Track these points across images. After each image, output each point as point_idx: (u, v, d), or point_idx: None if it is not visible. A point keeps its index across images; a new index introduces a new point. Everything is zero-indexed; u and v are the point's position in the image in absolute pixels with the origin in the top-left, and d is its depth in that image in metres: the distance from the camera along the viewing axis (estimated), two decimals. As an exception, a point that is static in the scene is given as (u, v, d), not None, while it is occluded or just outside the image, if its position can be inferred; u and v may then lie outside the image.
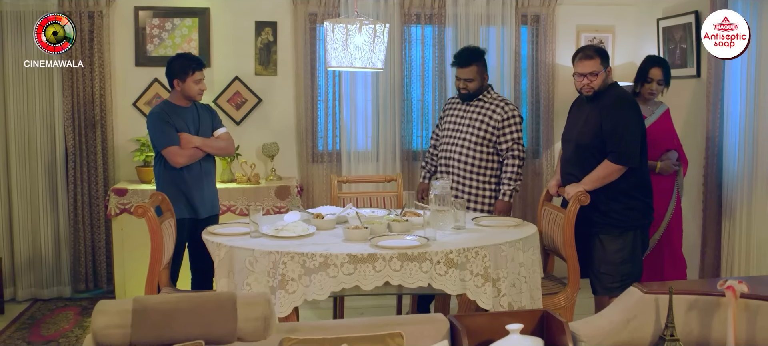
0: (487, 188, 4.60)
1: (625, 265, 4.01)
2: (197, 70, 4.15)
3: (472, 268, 3.38)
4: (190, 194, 4.17)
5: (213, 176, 4.37)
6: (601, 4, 5.78)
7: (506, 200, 4.54)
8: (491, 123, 4.52)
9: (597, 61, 3.99)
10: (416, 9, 5.55)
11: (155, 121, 4.12)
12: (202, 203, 4.21)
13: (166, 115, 4.13)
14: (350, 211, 3.93)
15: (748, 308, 2.72)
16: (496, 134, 4.53)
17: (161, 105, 4.24)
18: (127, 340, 2.40)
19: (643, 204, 4.09)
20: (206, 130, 4.25)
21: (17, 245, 5.36)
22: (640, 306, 2.79)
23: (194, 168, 4.18)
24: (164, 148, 4.09)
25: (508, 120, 4.52)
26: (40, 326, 4.85)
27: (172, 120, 4.12)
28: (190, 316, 2.43)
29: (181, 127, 4.14)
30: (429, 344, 2.56)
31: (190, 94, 4.18)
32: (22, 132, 5.29)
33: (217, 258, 3.48)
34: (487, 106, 4.56)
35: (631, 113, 4.00)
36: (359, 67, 4.00)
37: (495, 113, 4.52)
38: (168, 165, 4.13)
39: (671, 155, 4.56)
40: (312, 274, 3.27)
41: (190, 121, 4.18)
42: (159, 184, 4.20)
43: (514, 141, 4.53)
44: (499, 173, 4.61)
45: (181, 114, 4.17)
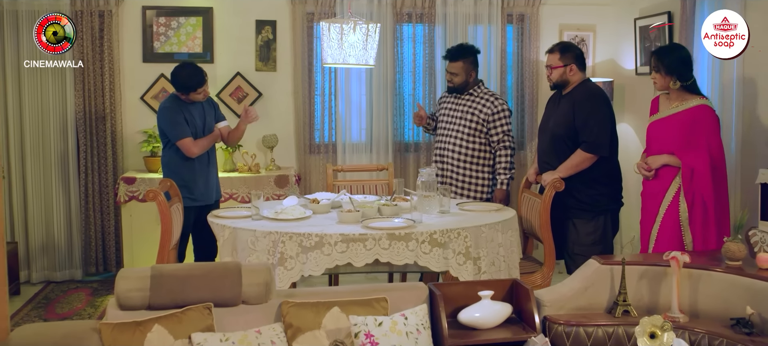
0: (480, 176, 4.94)
1: (596, 246, 4.35)
2: (200, 86, 4.46)
3: (454, 247, 3.69)
4: (198, 180, 4.50)
5: (216, 164, 4.72)
6: (582, 4, 6.10)
7: (504, 188, 4.87)
8: (481, 116, 4.86)
9: (556, 56, 4.43)
10: (408, 8, 5.87)
11: (168, 115, 4.45)
12: (208, 189, 4.55)
13: (177, 108, 4.46)
14: (344, 196, 4.26)
15: (691, 276, 3.07)
16: (486, 127, 4.86)
17: (171, 99, 4.57)
18: (146, 302, 2.74)
19: (613, 190, 4.45)
20: (211, 122, 4.61)
21: (31, 231, 5.67)
22: (596, 276, 3.14)
23: (202, 157, 4.52)
24: (179, 139, 4.43)
25: (497, 114, 4.85)
26: (55, 305, 5.17)
27: (185, 114, 4.46)
28: (201, 281, 2.77)
29: (190, 120, 4.47)
30: (410, 307, 2.90)
31: (195, 101, 4.53)
32: (37, 124, 5.60)
33: (222, 239, 3.80)
34: (477, 100, 4.90)
35: (601, 107, 4.37)
36: (353, 63, 4.31)
37: (484, 107, 4.86)
38: (179, 154, 4.46)
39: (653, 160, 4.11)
40: (308, 252, 3.58)
41: (197, 115, 4.52)
42: (168, 172, 4.53)
43: (504, 133, 4.86)
44: (492, 163, 4.94)
45: (191, 109, 4.51)
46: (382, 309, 2.89)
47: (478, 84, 4.97)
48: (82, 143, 5.66)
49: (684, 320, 3.03)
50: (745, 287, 2.99)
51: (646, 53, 5.59)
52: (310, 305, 2.84)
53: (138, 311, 2.75)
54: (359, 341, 2.76)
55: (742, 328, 2.90)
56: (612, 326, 3.00)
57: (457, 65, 4.89)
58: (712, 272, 3.10)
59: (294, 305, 2.83)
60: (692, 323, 3.00)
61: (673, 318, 3.01)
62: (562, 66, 4.42)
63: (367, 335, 2.76)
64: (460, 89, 4.93)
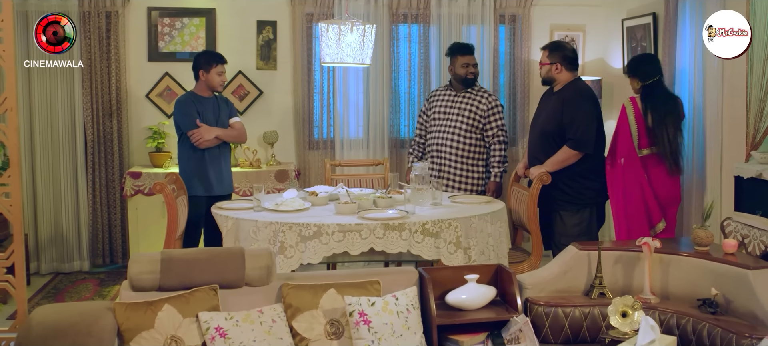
0: (475, 171, 5.15)
1: (582, 237, 4.56)
2: (220, 63, 4.75)
3: (445, 236, 3.88)
4: (209, 172, 4.70)
5: (228, 158, 4.92)
6: (572, 5, 6.31)
7: (497, 180, 5.10)
8: (478, 112, 5.07)
9: (545, 54, 4.70)
10: (403, 9, 6.08)
11: (183, 107, 4.69)
12: (220, 181, 4.76)
13: (192, 102, 4.69)
14: (341, 189, 4.45)
15: (662, 261, 3.30)
16: (482, 122, 5.07)
17: (188, 94, 4.81)
18: (157, 284, 2.96)
19: (599, 184, 4.66)
20: (224, 118, 4.83)
21: (41, 223, 5.89)
22: (575, 260, 3.36)
23: (213, 150, 4.73)
24: (190, 130, 4.64)
25: (492, 109, 5.08)
26: (64, 295, 5.39)
27: (197, 107, 4.68)
28: (207, 265, 2.99)
29: (203, 115, 4.70)
30: (401, 289, 3.12)
31: (213, 85, 4.75)
32: (46, 120, 5.81)
33: (225, 229, 3.99)
34: (473, 96, 5.12)
35: (588, 106, 4.58)
36: (350, 62, 4.51)
37: (481, 103, 5.08)
38: (193, 147, 4.67)
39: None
40: (307, 241, 3.78)
41: (210, 111, 4.74)
42: (183, 163, 4.75)
43: (498, 128, 5.09)
44: (486, 158, 5.16)
45: (204, 103, 4.73)
46: (374, 291, 3.11)
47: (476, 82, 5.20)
48: (89, 139, 5.86)
49: (655, 302, 3.25)
50: (711, 270, 3.21)
51: (633, 53, 5.80)
52: (309, 287, 3.06)
53: (149, 292, 2.96)
54: (353, 320, 2.98)
55: (707, 308, 3.12)
56: (588, 307, 3.22)
57: (473, 58, 5.16)
58: (681, 256, 3.33)
59: (293, 286, 3.05)
60: (663, 304, 3.22)
61: (645, 299, 3.23)
62: (548, 63, 4.64)
63: (361, 313, 2.98)
64: (470, 83, 5.14)
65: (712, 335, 2.94)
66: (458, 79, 5.15)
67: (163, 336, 2.81)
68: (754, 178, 4.12)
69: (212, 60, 4.74)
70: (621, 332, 2.94)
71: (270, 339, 2.87)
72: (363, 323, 2.96)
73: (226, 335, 2.83)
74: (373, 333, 2.94)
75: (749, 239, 3.38)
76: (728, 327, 2.91)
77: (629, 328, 2.91)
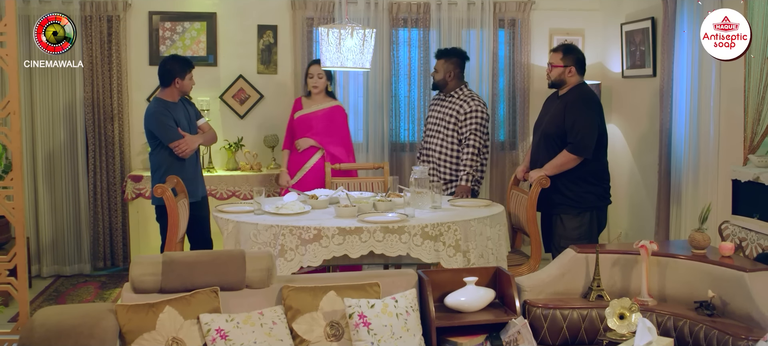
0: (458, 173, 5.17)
1: (581, 240, 4.57)
2: (192, 68, 4.84)
3: (444, 240, 3.90)
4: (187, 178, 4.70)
5: (200, 162, 5.03)
6: (571, 9, 6.33)
7: (463, 183, 5.07)
8: (458, 117, 5.10)
9: (558, 55, 4.67)
10: (403, 14, 6.11)
11: (160, 119, 4.68)
12: (195, 186, 4.83)
13: (165, 111, 4.71)
14: (341, 193, 4.48)
15: (659, 263, 3.33)
16: (459, 126, 5.10)
17: (156, 103, 4.80)
18: (158, 286, 2.99)
19: (600, 189, 4.67)
20: (193, 122, 4.91)
21: (42, 226, 5.91)
22: (573, 263, 3.39)
23: (192, 157, 4.81)
24: (173, 141, 4.67)
25: (469, 114, 5.09)
26: (65, 298, 5.41)
27: (173, 116, 4.72)
28: (208, 267, 3.02)
29: (179, 122, 4.74)
30: (400, 291, 3.15)
31: (186, 90, 4.84)
32: (47, 124, 5.84)
33: (226, 232, 4.00)
34: (457, 101, 5.15)
35: (590, 111, 4.58)
36: (350, 67, 4.51)
37: (461, 108, 5.11)
38: (171, 155, 4.70)
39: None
40: (307, 244, 3.79)
41: (182, 116, 4.80)
42: (159, 172, 4.74)
43: (471, 132, 5.08)
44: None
45: (176, 110, 4.77)
46: (374, 293, 3.13)
47: (461, 86, 5.21)
48: (90, 142, 5.88)
49: (652, 304, 3.27)
50: (708, 273, 3.24)
51: (632, 57, 5.84)
52: (309, 289, 3.08)
53: (150, 294, 2.99)
54: (353, 322, 3.00)
55: (704, 310, 3.15)
56: (586, 309, 3.25)
57: (438, 63, 5.22)
58: (678, 259, 3.35)
59: (294, 289, 3.08)
60: (660, 307, 3.25)
61: (642, 302, 3.26)
62: (562, 66, 4.63)
63: (361, 315, 3.00)
64: (440, 87, 5.21)
65: (708, 338, 2.97)
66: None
67: (164, 338, 2.84)
68: (752, 181, 4.14)
69: (186, 66, 4.79)
70: (618, 334, 2.96)
71: (270, 341, 2.90)
72: (363, 325, 2.99)
73: (227, 336, 2.86)
74: (373, 335, 2.97)
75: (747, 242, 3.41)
76: (725, 329, 2.94)
77: (627, 330, 2.94)
